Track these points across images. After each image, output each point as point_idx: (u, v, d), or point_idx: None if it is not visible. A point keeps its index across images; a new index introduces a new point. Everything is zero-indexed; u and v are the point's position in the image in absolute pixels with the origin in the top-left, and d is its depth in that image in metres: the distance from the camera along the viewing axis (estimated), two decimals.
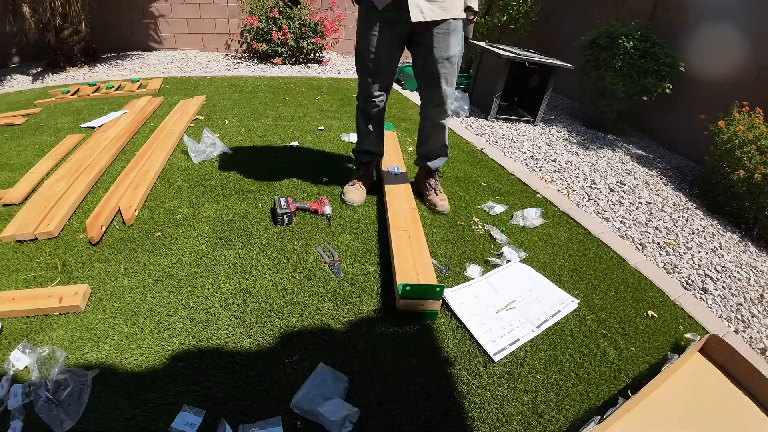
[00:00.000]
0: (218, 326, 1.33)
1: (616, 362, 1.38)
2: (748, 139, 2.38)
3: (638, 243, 2.11)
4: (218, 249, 1.67)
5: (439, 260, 1.74)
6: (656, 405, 1.23)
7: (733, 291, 1.86)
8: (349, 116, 3.21)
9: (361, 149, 2.05)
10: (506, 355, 1.35)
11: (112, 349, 1.23)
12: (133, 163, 2.17)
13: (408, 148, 2.77)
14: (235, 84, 3.76)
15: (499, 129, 3.41)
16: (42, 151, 2.30)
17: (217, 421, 1.05)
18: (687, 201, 2.64)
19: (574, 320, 1.53)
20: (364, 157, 2.06)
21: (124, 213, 1.77)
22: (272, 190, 2.10)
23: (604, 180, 2.73)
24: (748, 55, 2.85)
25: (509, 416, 1.17)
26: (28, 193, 1.90)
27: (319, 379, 1.17)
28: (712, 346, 1.40)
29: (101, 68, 4.06)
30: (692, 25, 3.22)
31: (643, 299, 1.68)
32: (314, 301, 1.47)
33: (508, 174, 2.60)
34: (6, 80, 3.63)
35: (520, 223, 2.05)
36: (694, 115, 2.95)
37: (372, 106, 1.84)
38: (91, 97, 3.21)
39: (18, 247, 1.59)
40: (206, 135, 2.39)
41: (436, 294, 1.38)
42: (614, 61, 3.18)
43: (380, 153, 2.11)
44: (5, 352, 1.18)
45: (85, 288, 1.38)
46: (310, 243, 1.74)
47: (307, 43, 4.51)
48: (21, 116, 2.77)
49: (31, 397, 1.06)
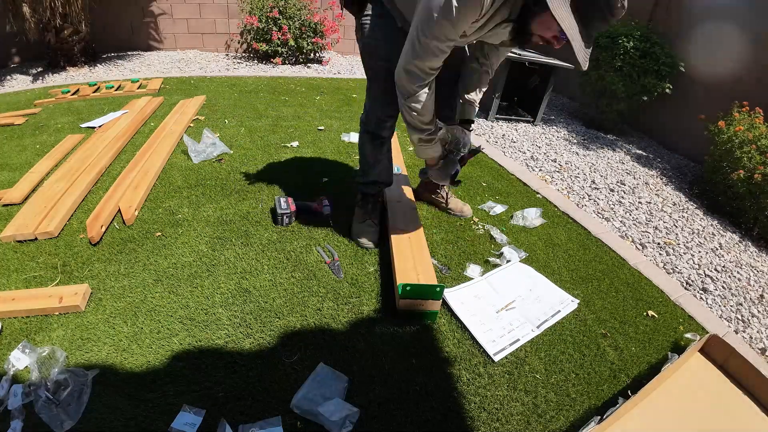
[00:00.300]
0: (218, 326, 1.33)
1: (616, 362, 1.38)
2: (748, 139, 2.38)
3: (638, 243, 2.11)
4: (218, 249, 1.67)
5: (439, 260, 1.74)
6: (656, 405, 1.23)
7: (733, 291, 1.86)
8: (349, 116, 3.21)
9: (369, 180, 1.75)
10: (506, 355, 1.35)
11: (112, 349, 1.23)
12: (133, 163, 2.17)
13: (408, 148, 2.77)
14: (235, 84, 3.76)
15: (499, 129, 3.41)
16: (42, 151, 2.30)
17: (217, 421, 1.05)
18: (687, 201, 2.64)
19: (574, 320, 1.53)
20: (372, 188, 1.77)
21: (124, 213, 1.77)
22: (272, 190, 2.10)
23: (604, 180, 2.73)
24: (748, 55, 2.85)
25: (509, 416, 1.17)
26: (28, 193, 1.90)
27: (319, 379, 1.17)
28: (712, 346, 1.40)
29: (101, 68, 4.06)
30: (692, 24, 3.22)
31: (643, 299, 1.68)
32: (314, 301, 1.47)
33: (508, 174, 2.59)
34: (6, 80, 3.63)
35: (520, 223, 2.05)
36: (694, 115, 2.95)
37: (390, 128, 1.60)
38: (91, 97, 3.21)
39: (18, 247, 1.59)
40: (206, 135, 2.39)
41: (436, 294, 1.38)
42: (614, 61, 3.18)
43: (390, 182, 1.81)
44: (5, 352, 1.18)
45: (85, 288, 1.38)
46: (310, 243, 1.74)
47: (307, 43, 4.51)
48: (21, 116, 2.77)
49: (31, 397, 1.06)
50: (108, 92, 3.30)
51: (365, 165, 1.73)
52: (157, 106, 3.07)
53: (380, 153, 1.68)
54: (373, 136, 1.61)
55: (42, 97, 3.18)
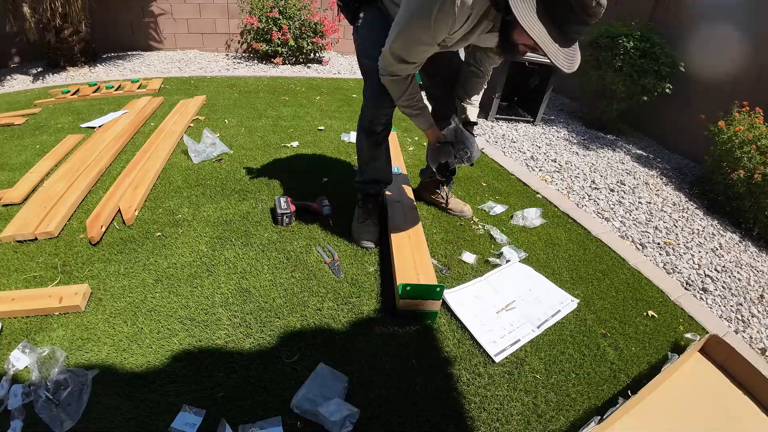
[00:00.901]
0: (218, 326, 1.33)
1: (616, 362, 1.38)
2: (748, 139, 2.38)
3: (638, 243, 2.11)
4: (218, 249, 1.67)
5: (439, 260, 1.74)
6: (656, 405, 1.23)
7: (733, 291, 1.86)
8: (349, 116, 3.21)
9: (367, 178, 1.76)
10: (507, 355, 1.35)
11: (112, 349, 1.23)
12: (133, 163, 2.17)
13: (408, 148, 2.77)
14: (235, 84, 3.76)
15: (499, 129, 3.41)
16: (42, 151, 2.30)
17: (217, 421, 1.05)
18: (687, 201, 2.64)
19: (574, 320, 1.53)
20: (371, 187, 1.79)
21: (124, 213, 1.77)
22: (272, 190, 2.10)
23: (604, 180, 2.73)
24: (748, 54, 2.85)
25: (509, 416, 1.17)
26: (28, 193, 1.90)
27: (319, 379, 1.17)
28: (712, 346, 1.40)
29: (101, 68, 4.06)
30: (692, 25, 3.22)
31: (643, 299, 1.68)
32: (314, 301, 1.47)
33: (508, 174, 2.59)
34: (6, 80, 3.63)
35: (520, 223, 2.05)
36: (694, 115, 2.95)
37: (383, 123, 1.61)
38: (91, 97, 3.21)
39: (18, 247, 1.59)
40: (206, 135, 2.39)
41: (436, 294, 1.38)
42: (614, 60, 3.18)
43: (390, 180, 1.83)
44: (5, 352, 1.18)
45: (85, 288, 1.38)
46: (310, 243, 1.74)
47: (307, 43, 4.51)
48: (21, 116, 2.77)
49: (31, 397, 1.06)
50: (108, 92, 3.30)
51: (362, 162, 1.75)
52: (157, 106, 3.07)
53: (377, 150, 1.68)
54: (369, 132, 1.62)
55: (42, 97, 3.18)
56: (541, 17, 1.00)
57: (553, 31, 1.02)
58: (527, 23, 0.99)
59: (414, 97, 1.45)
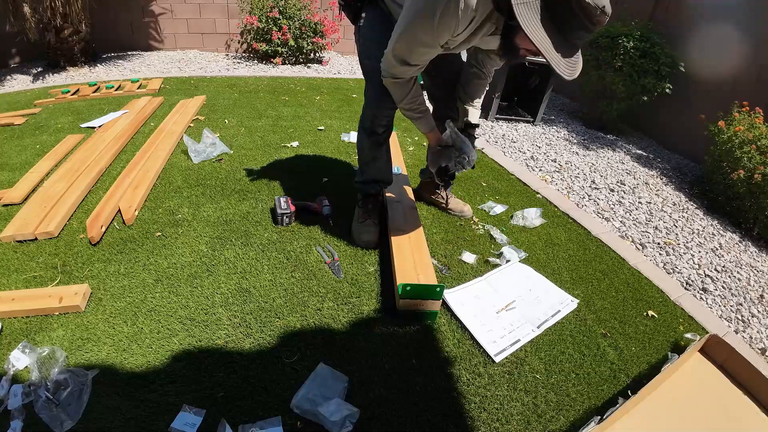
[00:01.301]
0: (218, 326, 1.33)
1: (616, 362, 1.38)
2: (748, 139, 2.38)
3: (638, 243, 2.11)
4: (218, 249, 1.67)
5: (439, 260, 1.74)
6: (656, 405, 1.23)
7: (733, 291, 1.86)
8: (349, 116, 3.21)
9: (368, 179, 1.76)
10: (507, 355, 1.35)
11: (112, 349, 1.23)
12: (133, 163, 2.17)
13: (408, 148, 2.77)
14: (235, 84, 3.76)
15: (499, 129, 3.41)
16: (42, 151, 2.30)
17: (217, 421, 1.05)
18: (687, 201, 2.64)
19: (574, 320, 1.53)
20: (371, 187, 1.78)
21: (124, 213, 1.77)
22: (272, 190, 2.10)
23: (604, 180, 2.73)
24: (748, 54, 2.85)
25: (509, 416, 1.17)
26: (28, 193, 1.90)
27: (319, 379, 1.17)
28: (712, 346, 1.40)
29: (101, 68, 4.06)
30: (692, 25, 3.22)
31: (643, 299, 1.68)
32: (314, 301, 1.47)
33: (508, 174, 2.59)
34: (6, 80, 3.63)
35: (520, 223, 2.05)
36: (694, 115, 2.95)
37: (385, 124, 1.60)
38: (91, 97, 3.21)
39: (18, 247, 1.59)
40: (206, 135, 2.39)
41: (436, 294, 1.38)
42: (614, 60, 3.18)
43: (390, 181, 1.83)
44: (5, 352, 1.18)
45: (85, 288, 1.38)
46: (310, 243, 1.74)
47: (307, 43, 4.51)
48: (21, 116, 2.77)
49: (31, 397, 1.06)
50: (108, 92, 3.30)
51: (363, 163, 1.74)
52: (157, 106, 3.07)
53: (377, 151, 1.68)
54: (370, 133, 1.61)
55: (42, 97, 3.18)
56: (545, 24, 1.00)
57: (556, 38, 1.01)
58: (530, 30, 0.99)
59: (416, 101, 1.44)
